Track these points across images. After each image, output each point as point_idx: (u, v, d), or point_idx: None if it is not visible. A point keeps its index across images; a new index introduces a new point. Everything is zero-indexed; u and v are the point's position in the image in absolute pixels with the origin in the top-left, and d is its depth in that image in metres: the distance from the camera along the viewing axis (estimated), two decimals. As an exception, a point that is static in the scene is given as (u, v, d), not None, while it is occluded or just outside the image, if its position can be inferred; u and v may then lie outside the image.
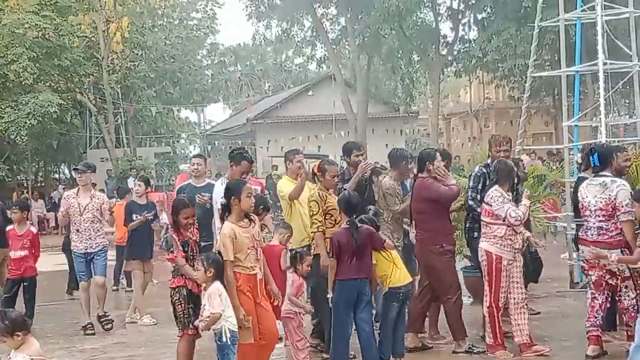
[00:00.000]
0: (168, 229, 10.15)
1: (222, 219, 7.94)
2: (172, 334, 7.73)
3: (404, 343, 8.92)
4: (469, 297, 12.17)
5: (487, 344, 9.26)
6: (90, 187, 12.21)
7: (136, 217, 12.59)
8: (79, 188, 12.03)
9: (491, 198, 9.19)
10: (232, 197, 7.80)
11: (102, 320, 11.91)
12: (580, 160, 9.90)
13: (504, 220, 9.09)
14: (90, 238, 11.78)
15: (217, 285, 7.57)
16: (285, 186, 10.18)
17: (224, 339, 7.51)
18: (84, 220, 11.77)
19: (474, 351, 9.32)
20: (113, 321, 12.08)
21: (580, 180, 9.89)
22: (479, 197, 9.73)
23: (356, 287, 8.30)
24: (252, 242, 7.80)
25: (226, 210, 7.87)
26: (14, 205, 13.13)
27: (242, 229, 7.79)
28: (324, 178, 9.43)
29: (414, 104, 55.53)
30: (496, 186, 9.26)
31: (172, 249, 8.25)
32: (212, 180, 12.16)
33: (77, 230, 11.79)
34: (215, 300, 7.51)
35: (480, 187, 9.84)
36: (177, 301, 8.14)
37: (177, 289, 8.14)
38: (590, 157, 9.06)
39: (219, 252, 7.78)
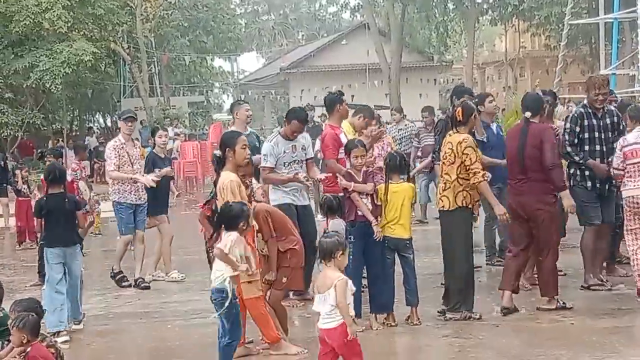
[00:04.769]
0: None
1: (217, 172, 7.60)
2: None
3: (416, 293, 8.53)
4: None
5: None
6: (132, 136, 11.89)
7: (159, 170, 11.71)
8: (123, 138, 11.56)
9: None
10: (227, 149, 7.48)
11: (138, 283, 11.41)
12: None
13: None
14: (139, 189, 11.41)
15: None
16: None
17: None
18: (134, 170, 11.43)
19: (567, 307, 8.71)
20: (149, 288, 11.38)
21: None
22: (576, 140, 9.41)
23: None
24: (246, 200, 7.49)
25: (220, 162, 7.53)
26: (47, 152, 13.20)
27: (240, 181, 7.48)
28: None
29: (448, 53, 55.02)
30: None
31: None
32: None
33: (135, 182, 11.37)
34: None
35: (578, 129, 9.40)
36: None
37: None
38: None
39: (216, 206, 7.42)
